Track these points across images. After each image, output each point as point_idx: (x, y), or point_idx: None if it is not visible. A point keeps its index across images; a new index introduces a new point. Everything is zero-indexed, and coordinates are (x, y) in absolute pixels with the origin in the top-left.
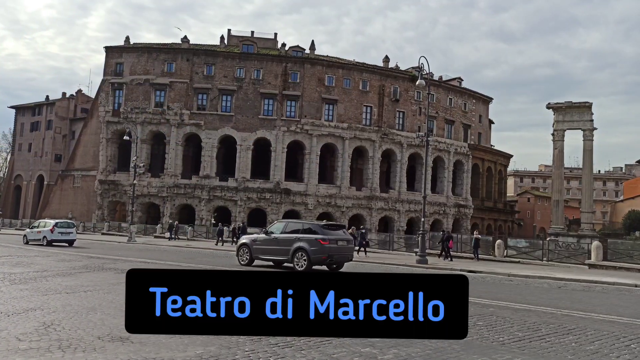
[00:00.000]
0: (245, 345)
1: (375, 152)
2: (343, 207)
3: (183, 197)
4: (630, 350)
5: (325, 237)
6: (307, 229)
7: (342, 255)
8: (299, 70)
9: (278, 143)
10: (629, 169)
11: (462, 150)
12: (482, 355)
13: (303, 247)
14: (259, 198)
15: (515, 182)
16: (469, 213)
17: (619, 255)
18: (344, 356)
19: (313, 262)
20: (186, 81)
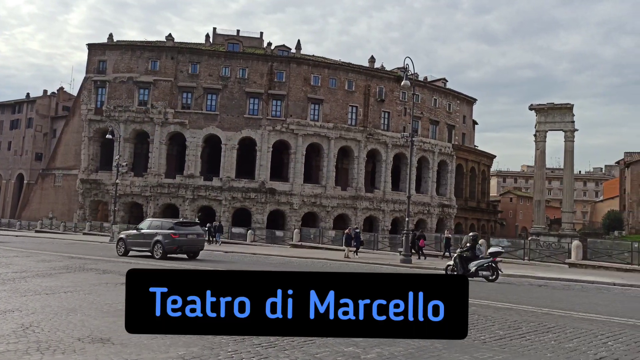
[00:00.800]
0: (229, 345)
1: (361, 152)
2: (328, 206)
3: (167, 196)
4: (608, 347)
5: (176, 232)
6: (165, 225)
7: (192, 246)
8: (285, 70)
9: (263, 142)
10: (609, 170)
11: (446, 150)
12: (464, 353)
13: (159, 240)
14: (244, 198)
15: (498, 182)
16: (452, 213)
17: (599, 255)
18: (327, 356)
19: (166, 252)
20: (170, 79)
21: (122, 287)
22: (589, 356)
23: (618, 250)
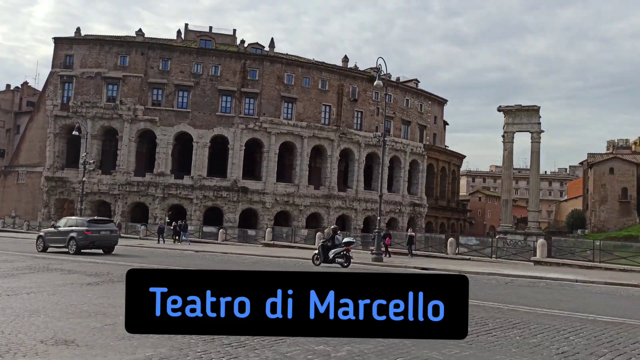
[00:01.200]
0: (198, 345)
1: (334, 151)
2: (301, 205)
3: (136, 195)
4: (569, 342)
5: (89, 229)
6: (80, 223)
7: (105, 241)
8: (258, 68)
9: (236, 141)
10: (573, 170)
11: (417, 150)
12: (432, 350)
13: (73, 236)
14: (216, 196)
15: (467, 182)
16: (423, 212)
17: (562, 252)
18: (297, 354)
19: (80, 247)
20: (140, 75)
21: (88, 287)
22: (551, 351)
23: (581, 248)
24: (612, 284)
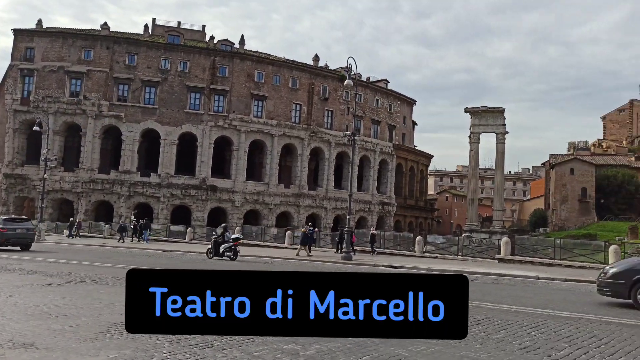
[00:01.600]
0: (164, 346)
1: (304, 150)
2: (271, 204)
3: (100, 193)
4: (531, 337)
5: (5, 227)
6: None
7: (21, 239)
8: (228, 65)
9: (205, 138)
10: (535, 171)
11: (387, 150)
12: (400, 347)
13: None
14: (184, 195)
15: (435, 182)
16: (392, 211)
17: (525, 250)
18: (266, 354)
19: None
20: (105, 70)
21: (49, 288)
22: (514, 346)
23: (542, 246)
24: (572, 281)
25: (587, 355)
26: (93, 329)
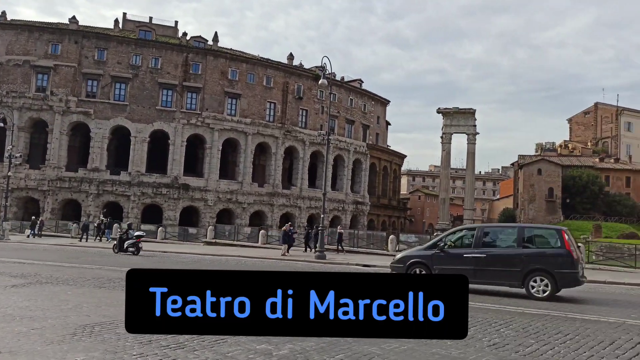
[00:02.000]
0: (134, 348)
1: (278, 149)
2: (244, 203)
3: (67, 191)
4: (500, 334)
5: None
6: None
7: None
8: (201, 62)
9: (177, 136)
10: (504, 171)
11: (361, 149)
12: (372, 345)
13: None
14: (155, 193)
15: (408, 181)
16: (366, 210)
17: None
18: (239, 354)
19: None
20: (74, 65)
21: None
22: (484, 343)
23: None
24: None
25: (553, 350)
26: (60, 331)
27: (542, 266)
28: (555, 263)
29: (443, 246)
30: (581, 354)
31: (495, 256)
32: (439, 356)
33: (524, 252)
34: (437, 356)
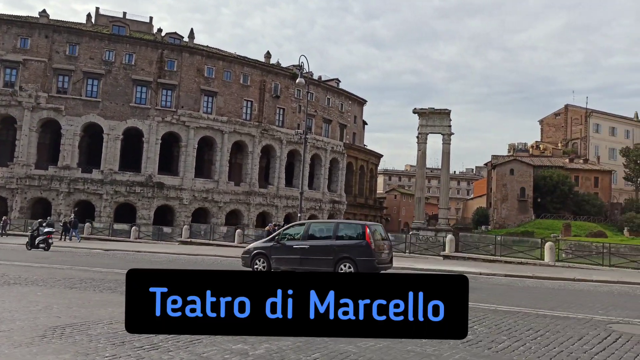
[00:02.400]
0: (106, 350)
1: (255, 148)
2: (220, 202)
3: (37, 189)
4: (473, 330)
5: None
6: None
7: None
8: (177, 59)
9: (151, 134)
10: (478, 171)
11: (338, 148)
12: (349, 343)
13: None
14: (129, 192)
15: (384, 180)
16: (342, 209)
17: (468, 247)
18: (214, 354)
19: None
20: (44, 60)
21: None
22: (457, 340)
23: (484, 243)
24: (511, 276)
25: (524, 347)
26: (29, 334)
27: (347, 254)
28: (357, 252)
29: (279, 239)
30: (551, 349)
31: (316, 247)
32: (414, 353)
33: (336, 243)
34: (413, 354)
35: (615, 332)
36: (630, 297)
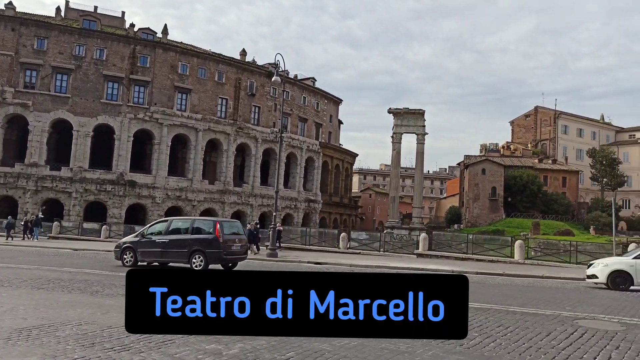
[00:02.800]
0: (75, 352)
1: (230, 146)
2: (194, 200)
3: (2, 187)
4: None
5: None
6: None
7: None
8: (150, 55)
9: (123, 131)
10: (451, 170)
11: (313, 147)
12: (323, 342)
13: None
14: (99, 190)
15: (359, 179)
16: (318, 208)
17: (441, 245)
18: (187, 355)
19: None
20: (10, 54)
21: None
22: None
23: (457, 242)
24: (482, 274)
25: (495, 343)
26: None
27: (199, 247)
28: (207, 245)
29: (145, 234)
30: (521, 345)
31: (175, 240)
32: (388, 351)
33: (191, 237)
34: (386, 351)
35: (582, 327)
36: (595, 293)
